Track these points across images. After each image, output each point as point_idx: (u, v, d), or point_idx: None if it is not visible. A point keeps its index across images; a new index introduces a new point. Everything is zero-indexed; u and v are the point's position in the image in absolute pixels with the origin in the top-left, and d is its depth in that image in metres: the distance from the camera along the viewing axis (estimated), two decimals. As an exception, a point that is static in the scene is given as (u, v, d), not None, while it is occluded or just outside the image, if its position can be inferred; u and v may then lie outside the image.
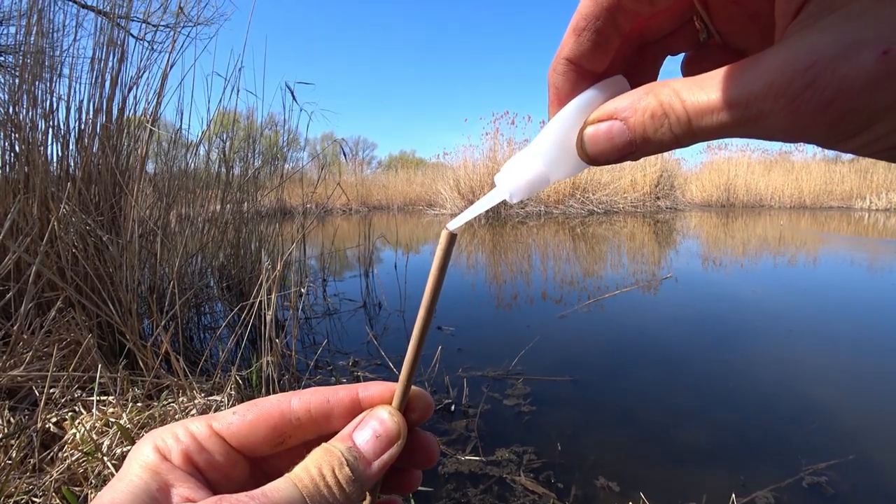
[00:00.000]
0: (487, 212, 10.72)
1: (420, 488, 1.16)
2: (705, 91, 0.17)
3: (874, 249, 5.29)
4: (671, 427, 1.45)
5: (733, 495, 1.08)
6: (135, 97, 1.85)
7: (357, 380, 1.79)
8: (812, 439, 1.36)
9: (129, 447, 0.99)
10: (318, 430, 0.23)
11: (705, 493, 1.13)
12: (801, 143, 0.18)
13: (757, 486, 1.15)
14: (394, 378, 0.25)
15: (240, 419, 0.22)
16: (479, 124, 15.36)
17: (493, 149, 11.12)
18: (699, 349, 2.13)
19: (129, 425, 1.05)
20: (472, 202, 10.77)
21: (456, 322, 2.52)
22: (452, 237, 0.22)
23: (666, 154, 12.72)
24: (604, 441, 1.38)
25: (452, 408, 1.57)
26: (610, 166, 12.76)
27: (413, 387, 0.24)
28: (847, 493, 1.14)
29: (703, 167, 15.84)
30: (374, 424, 0.22)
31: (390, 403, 0.24)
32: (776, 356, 2.02)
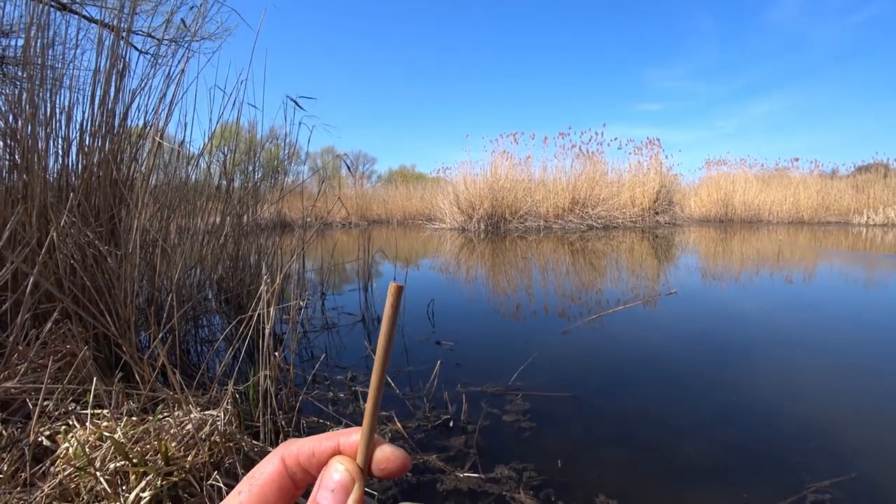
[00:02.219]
0: (487, 226, 10.71)
1: (418, 506, 1.14)
2: None
3: (876, 264, 5.29)
4: (673, 444, 1.44)
5: (737, 514, 1.06)
6: (137, 109, 1.86)
7: (355, 395, 1.77)
8: (815, 456, 1.34)
9: (122, 462, 0.98)
10: (312, 478, 0.24)
11: (708, 513, 1.11)
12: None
13: (760, 505, 1.14)
14: (391, 394, 0.24)
15: (248, 495, 0.23)
16: (479, 142, 15.53)
17: (494, 164, 11.16)
18: (700, 365, 2.11)
19: (123, 440, 1.03)
20: (471, 217, 10.73)
21: (455, 337, 2.50)
22: (399, 289, 0.22)
23: (665, 169, 12.80)
24: (605, 458, 1.36)
25: (451, 424, 1.55)
26: (608, 181, 12.79)
27: (389, 446, 0.24)
28: (852, 513, 1.12)
29: (702, 182, 15.94)
30: (328, 483, 0.23)
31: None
32: (778, 372, 2.01)
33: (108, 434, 1.03)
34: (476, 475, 1.26)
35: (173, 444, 1.05)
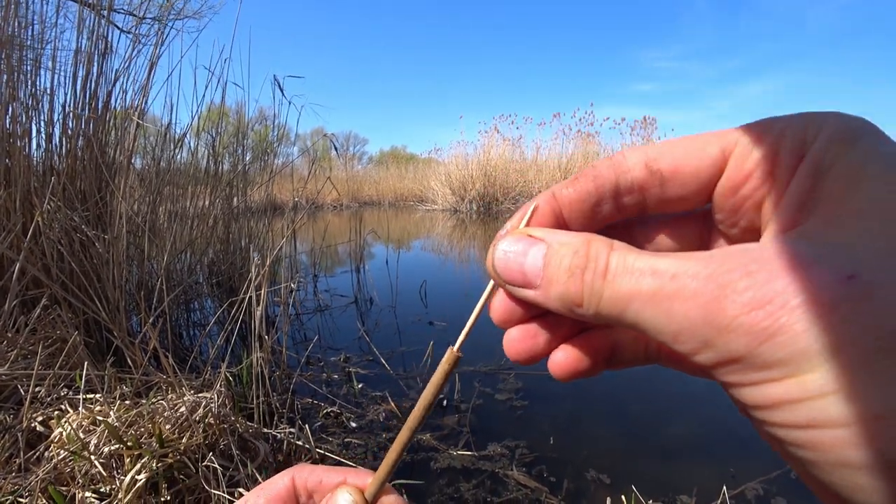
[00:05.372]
0: (479, 207, 10.65)
1: (412, 482, 1.16)
2: (643, 257, 0.15)
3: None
4: (662, 421, 1.46)
5: (724, 487, 1.09)
6: (121, 90, 1.82)
7: (348, 376, 1.78)
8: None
9: (116, 445, 0.98)
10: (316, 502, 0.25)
11: (696, 486, 1.14)
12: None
13: (747, 478, 1.16)
14: (385, 375, 0.24)
15: None
16: (474, 124, 15.45)
17: (488, 144, 11.09)
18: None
19: (116, 423, 1.03)
20: (463, 198, 10.63)
21: (448, 317, 2.51)
22: (457, 359, 0.21)
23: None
24: (595, 435, 1.39)
25: (444, 403, 1.57)
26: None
27: (396, 495, 0.24)
28: (834, 484, 1.15)
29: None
30: None
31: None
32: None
33: (101, 418, 1.03)
34: (469, 453, 1.28)
35: (167, 427, 1.05)
